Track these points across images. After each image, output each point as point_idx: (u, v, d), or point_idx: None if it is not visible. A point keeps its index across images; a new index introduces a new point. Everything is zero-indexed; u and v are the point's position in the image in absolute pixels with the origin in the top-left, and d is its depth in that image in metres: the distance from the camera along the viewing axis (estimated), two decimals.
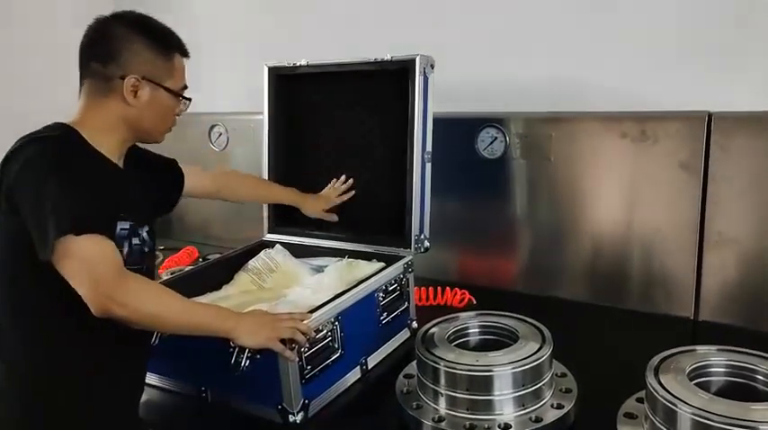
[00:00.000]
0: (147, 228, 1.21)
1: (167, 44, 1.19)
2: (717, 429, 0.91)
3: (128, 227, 1.14)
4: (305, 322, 1.19)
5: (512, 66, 1.78)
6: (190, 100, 1.26)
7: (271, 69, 1.70)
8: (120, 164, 1.19)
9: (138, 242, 1.17)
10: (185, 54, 1.24)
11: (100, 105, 1.15)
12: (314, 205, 1.69)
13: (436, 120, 1.55)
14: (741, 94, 1.51)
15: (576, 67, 1.69)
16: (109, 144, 1.15)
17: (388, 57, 1.51)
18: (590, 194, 1.68)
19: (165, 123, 1.24)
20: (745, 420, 0.91)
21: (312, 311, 1.25)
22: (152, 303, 1.08)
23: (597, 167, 1.66)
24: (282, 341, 1.15)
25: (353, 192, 1.69)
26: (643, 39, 1.60)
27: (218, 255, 1.80)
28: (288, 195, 1.70)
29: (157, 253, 2.20)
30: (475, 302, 1.71)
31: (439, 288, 1.75)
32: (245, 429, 1.23)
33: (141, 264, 1.18)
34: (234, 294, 1.55)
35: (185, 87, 1.24)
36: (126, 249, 1.14)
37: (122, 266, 1.06)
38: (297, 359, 1.18)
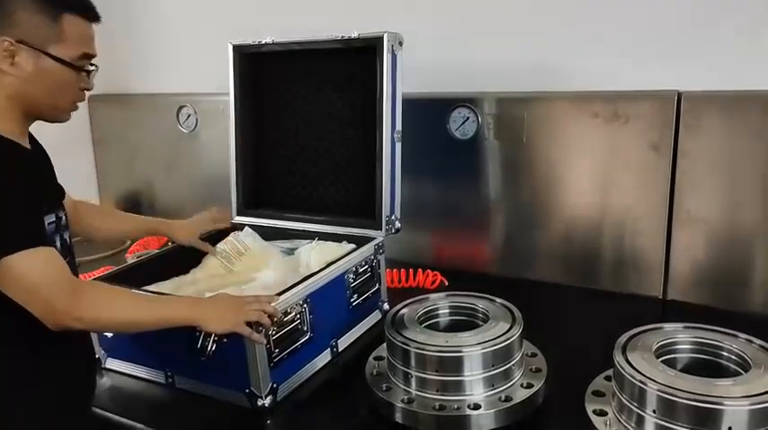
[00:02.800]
0: (64, 211, 1.11)
1: (55, 1, 1.02)
2: (682, 405, 0.92)
3: (54, 219, 1.05)
4: (272, 304, 1.17)
5: (484, 45, 1.76)
6: (89, 72, 1.08)
7: (235, 47, 1.65)
8: (26, 143, 1.07)
9: (64, 232, 1.09)
10: (88, 16, 1.06)
11: None
12: (185, 233, 1.52)
13: (407, 101, 1.53)
14: (710, 73, 1.50)
15: (547, 46, 1.68)
16: (4, 123, 1.01)
17: (355, 34, 1.48)
18: (562, 175, 1.68)
19: (63, 98, 1.07)
20: (709, 396, 0.91)
21: (281, 293, 1.23)
22: (110, 310, 1.03)
23: (569, 148, 1.65)
24: (249, 324, 1.13)
25: (229, 222, 1.58)
26: (614, 18, 1.59)
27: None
28: (150, 225, 1.52)
29: None
30: (447, 284, 1.70)
31: (411, 270, 1.74)
32: (213, 414, 1.21)
33: (69, 254, 1.10)
34: (202, 278, 1.53)
35: (87, 56, 1.07)
36: (58, 244, 1.06)
37: (70, 277, 1.01)
38: (264, 342, 1.16)
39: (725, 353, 1.05)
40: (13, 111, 1.03)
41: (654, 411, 0.95)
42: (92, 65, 1.09)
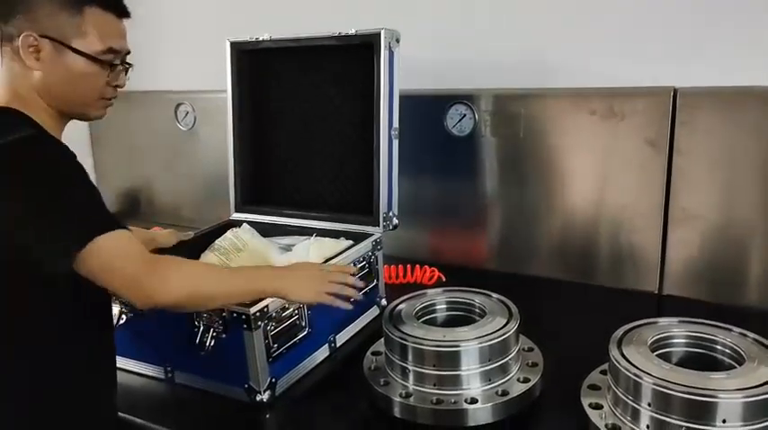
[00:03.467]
0: None
1: None
2: (676, 398, 0.93)
3: None
4: (351, 273, 1.20)
5: (481, 42, 1.76)
6: (114, 65, 1.07)
7: (233, 44, 1.66)
8: None
9: None
10: (113, 10, 1.05)
11: (9, 73, 1.02)
12: (172, 236, 1.55)
13: (405, 97, 1.54)
14: (709, 70, 1.51)
15: (544, 43, 1.69)
16: (45, 120, 1.03)
17: (352, 31, 1.49)
18: (559, 171, 1.69)
19: (88, 93, 1.07)
20: (703, 389, 0.92)
21: None
22: (195, 284, 1.03)
23: (566, 144, 1.66)
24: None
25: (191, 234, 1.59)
26: (612, 15, 1.60)
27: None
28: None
29: None
30: (445, 280, 1.71)
31: (408, 266, 1.75)
32: (212, 409, 1.22)
33: None
34: None
35: (113, 51, 1.06)
36: None
37: (149, 254, 1.01)
38: (350, 307, 1.19)
39: (719, 347, 1.06)
40: (47, 109, 1.04)
41: (649, 404, 0.96)
42: (125, 62, 1.10)
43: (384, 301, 1.56)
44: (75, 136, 2.43)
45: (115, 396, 1.15)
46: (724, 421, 0.91)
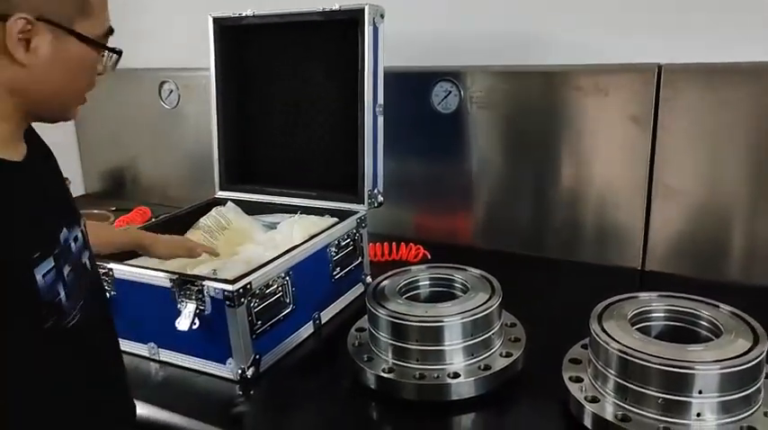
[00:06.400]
0: (80, 227, 0.87)
1: None
2: (654, 370, 0.94)
3: (52, 265, 0.77)
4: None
5: (466, 19, 1.75)
6: (119, 53, 0.83)
7: (216, 20, 1.64)
8: (18, 155, 0.79)
9: (72, 267, 0.82)
10: None
11: None
12: (166, 252, 1.34)
13: (389, 75, 1.52)
14: (692, 45, 1.51)
15: (530, 19, 1.67)
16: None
17: (336, 6, 1.47)
18: (544, 148, 1.68)
19: (80, 90, 0.82)
20: (681, 361, 0.93)
21: (262, 266, 1.24)
22: None
23: (551, 121, 1.66)
24: None
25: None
26: None
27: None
28: (132, 239, 1.33)
29: (108, 213, 2.17)
30: (430, 257, 1.72)
31: (394, 244, 1.75)
32: (197, 386, 1.22)
33: (82, 294, 0.84)
34: None
35: (110, 31, 0.82)
36: (62, 293, 0.79)
37: None
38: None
39: (698, 320, 1.07)
40: (12, 111, 0.78)
41: (628, 376, 0.97)
42: (113, 48, 0.84)
43: (369, 279, 1.56)
44: None
45: None
46: (700, 392, 0.93)
